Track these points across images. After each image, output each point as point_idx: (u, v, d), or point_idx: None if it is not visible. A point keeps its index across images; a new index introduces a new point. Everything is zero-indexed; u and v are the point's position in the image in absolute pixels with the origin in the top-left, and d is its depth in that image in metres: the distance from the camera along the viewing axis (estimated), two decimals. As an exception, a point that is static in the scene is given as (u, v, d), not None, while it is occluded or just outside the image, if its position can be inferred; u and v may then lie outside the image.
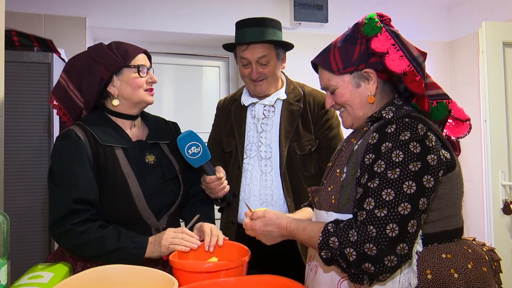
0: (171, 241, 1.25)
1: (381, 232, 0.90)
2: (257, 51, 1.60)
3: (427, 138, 0.94)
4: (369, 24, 1.07)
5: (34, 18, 2.54)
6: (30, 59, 1.94)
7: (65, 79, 1.37)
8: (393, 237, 0.89)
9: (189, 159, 1.41)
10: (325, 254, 0.97)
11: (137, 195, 1.31)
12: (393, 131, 0.96)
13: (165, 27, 2.85)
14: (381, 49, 1.04)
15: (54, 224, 1.23)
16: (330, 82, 1.12)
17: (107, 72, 1.33)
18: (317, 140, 1.69)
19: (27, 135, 1.90)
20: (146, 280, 1.05)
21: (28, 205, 1.88)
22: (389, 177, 0.92)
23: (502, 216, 2.67)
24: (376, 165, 0.95)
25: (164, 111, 3.17)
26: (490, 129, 2.65)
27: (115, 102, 1.36)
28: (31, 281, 1.07)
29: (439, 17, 3.44)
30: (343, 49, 1.09)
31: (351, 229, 0.94)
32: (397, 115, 1.03)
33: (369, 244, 0.90)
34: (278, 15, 3.04)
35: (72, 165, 1.26)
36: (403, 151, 0.93)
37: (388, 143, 0.95)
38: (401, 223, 0.89)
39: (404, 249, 0.89)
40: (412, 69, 1.03)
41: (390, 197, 0.91)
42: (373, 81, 1.08)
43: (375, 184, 0.94)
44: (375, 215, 0.91)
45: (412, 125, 0.95)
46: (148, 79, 1.38)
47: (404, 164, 0.92)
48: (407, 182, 0.91)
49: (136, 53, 1.36)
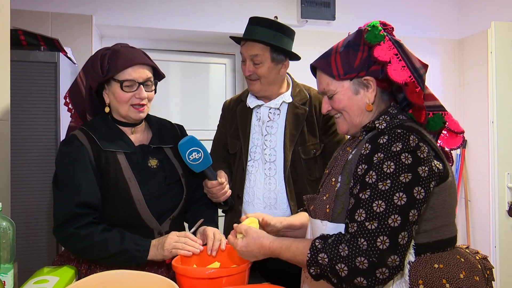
0: (174, 245, 1.26)
1: (372, 244, 0.90)
2: (251, 49, 1.63)
3: (419, 149, 0.94)
4: (372, 32, 1.06)
5: (40, 15, 2.55)
6: (37, 59, 1.94)
7: (81, 75, 1.41)
8: (384, 249, 0.90)
9: (190, 165, 1.42)
10: (314, 271, 0.97)
11: (138, 199, 1.32)
12: (385, 142, 0.96)
13: (172, 24, 2.85)
14: (383, 57, 1.03)
15: (58, 228, 1.26)
16: (329, 87, 1.11)
17: (93, 81, 1.35)
18: (322, 144, 1.69)
19: (33, 136, 1.91)
20: (148, 285, 1.06)
21: (35, 206, 1.90)
22: (380, 189, 0.93)
23: (507, 218, 2.66)
24: (368, 176, 0.96)
25: (170, 108, 3.18)
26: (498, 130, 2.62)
27: (106, 109, 1.38)
28: (37, 285, 1.10)
29: (449, 15, 3.39)
30: (345, 55, 1.09)
31: (341, 244, 0.94)
32: (390, 125, 1.03)
33: (360, 257, 0.90)
34: (285, 12, 3.02)
35: (75, 170, 1.28)
36: (394, 162, 0.93)
37: (380, 154, 0.95)
38: (392, 235, 0.90)
39: (395, 261, 0.90)
40: (413, 80, 1.02)
41: (380, 209, 0.92)
42: (373, 89, 1.08)
43: (367, 195, 0.94)
44: (366, 228, 0.92)
45: (404, 136, 0.95)
46: (135, 95, 1.32)
47: (395, 175, 0.93)
48: (397, 194, 0.91)
49: (124, 66, 1.30)
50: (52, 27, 2.57)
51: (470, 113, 3.17)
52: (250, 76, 1.65)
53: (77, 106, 1.44)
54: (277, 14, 2.98)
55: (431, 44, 3.31)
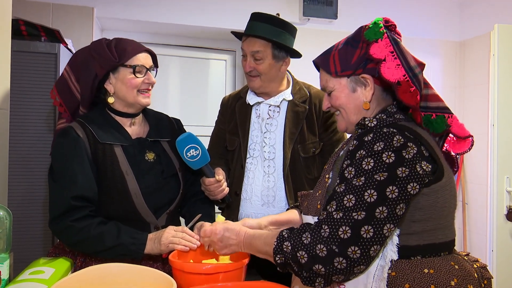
0: (171, 239, 1.26)
1: (333, 232, 0.92)
2: (252, 45, 1.62)
3: (404, 149, 0.93)
4: (372, 29, 1.05)
5: (42, 7, 2.54)
6: (37, 49, 1.93)
7: (68, 72, 1.39)
8: (344, 239, 0.90)
9: (188, 162, 1.42)
10: (279, 259, 0.98)
11: (135, 193, 1.32)
12: (369, 139, 0.96)
13: (173, 19, 2.84)
14: (378, 55, 1.02)
15: (54, 221, 1.25)
16: (327, 84, 1.12)
17: (101, 69, 1.32)
18: (321, 143, 1.68)
19: (31, 126, 1.90)
20: (145, 280, 1.06)
21: (31, 197, 1.89)
22: (354, 184, 0.94)
23: (505, 222, 2.66)
24: (347, 171, 0.97)
25: (169, 103, 3.17)
26: (498, 134, 2.62)
27: (110, 100, 1.36)
28: (32, 276, 1.09)
29: (451, 16, 3.39)
30: (343, 52, 1.09)
31: (305, 232, 0.96)
32: (381, 123, 1.02)
33: (320, 245, 0.91)
34: (287, 9, 3.01)
35: (71, 162, 1.27)
36: (374, 160, 0.93)
37: (362, 151, 0.96)
38: (354, 227, 0.91)
39: (355, 252, 0.90)
40: (407, 79, 1.00)
41: (350, 204, 0.93)
42: (370, 87, 1.07)
43: (342, 188, 0.96)
44: (332, 217, 0.94)
45: (388, 136, 0.95)
46: (145, 80, 1.36)
47: (370, 173, 0.93)
48: (369, 191, 0.92)
49: (134, 52, 1.34)
50: (53, 18, 2.55)
51: (470, 116, 3.17)
52: (250, 72, 1.64)
53: (66, 102, 1.41)
54: (279, 11, 2.97)
55: (432, 46, 3.31)
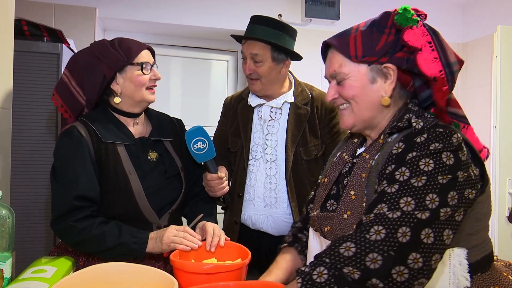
0: (173, 239, 1.25)
1: (391, 234, 0.75)
2: (252, 47, 1.61)
3: (461, 150, 0.82)
4: (403, 14, 0.91)
5: (44, 7, 2.54)
6: (40, 49, 1.94)
7: (68, 76, 1.37)
8: (403, 243, 0.74)
9: (194, 154, 1.43)
10: None
11: (138, 192, 1.32)
12: (423, 140, 0.83)
13: (175, 19, 2.84)
14: (415, 43, 0.88)
15: (56, 221, 1.25)
16: (341, 69, 0.95)
17: (110, 70, 1.32)
18: (324, 145, 1.68)
19: (33, 126, 1.90)
20: (147, 279, 1.06)
21: (33, 196, 1.90)
22: (412, 184, 0.79)
23: (507, 224, 2.65)
24: (398, 172, 0.82)
25: (171, 103, 3.17)
26: (500, 136, 2.61)
27: (116, 100, 1.36)
28: (35, 275, 1.09)
29: (454, 18, 3.38)
30: (367, 34, 0.93)
31: (341, 244, 0.79)
32: (427, 124, 0.88)
33: (372, 253, 0.74)
34: (289, 10, 3.01)
35: (73, 162, 1.26)
36: (434, 161, 0.80)
37: (414, 153, 0.82)
38: (415, 228, 0.75)
39: (417, 261, 0.73)
40: (443, 76, 0.89)
41: (409, 208, 0.77)
42: (391, 80, 0.93)
43: (394, 189, 0.80)
44: (386, 216, 0.77)
45: (446, 135, 0.82)
46: (151, 76, 1.37)
47: (433, 174, 0.79)
48: (431, 195, 0.77)
49: (139, 50, 1.35)
50: (56, 18, 2.56)
51: (472, 118, 3.12)
52: (250, 75, 1.64)
53: (70, 107, 1.40)
54: (281, 12, 2.98)
55: (434, 47, 3.30)
